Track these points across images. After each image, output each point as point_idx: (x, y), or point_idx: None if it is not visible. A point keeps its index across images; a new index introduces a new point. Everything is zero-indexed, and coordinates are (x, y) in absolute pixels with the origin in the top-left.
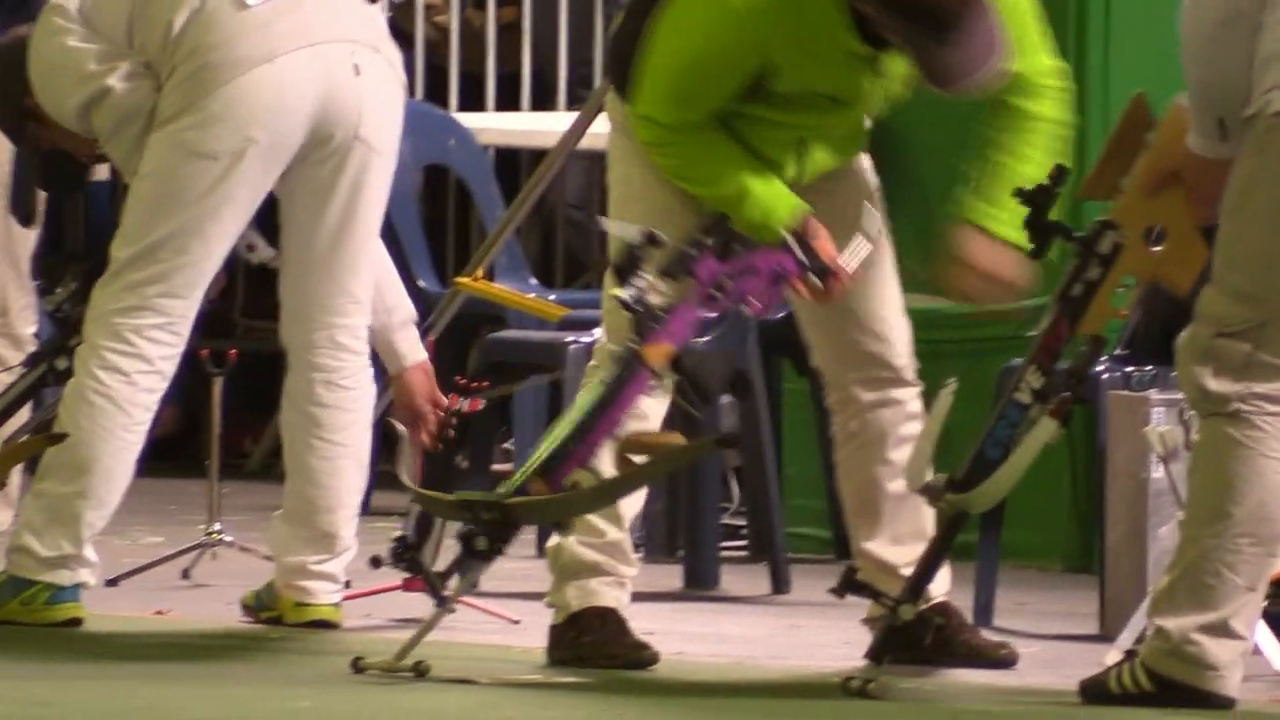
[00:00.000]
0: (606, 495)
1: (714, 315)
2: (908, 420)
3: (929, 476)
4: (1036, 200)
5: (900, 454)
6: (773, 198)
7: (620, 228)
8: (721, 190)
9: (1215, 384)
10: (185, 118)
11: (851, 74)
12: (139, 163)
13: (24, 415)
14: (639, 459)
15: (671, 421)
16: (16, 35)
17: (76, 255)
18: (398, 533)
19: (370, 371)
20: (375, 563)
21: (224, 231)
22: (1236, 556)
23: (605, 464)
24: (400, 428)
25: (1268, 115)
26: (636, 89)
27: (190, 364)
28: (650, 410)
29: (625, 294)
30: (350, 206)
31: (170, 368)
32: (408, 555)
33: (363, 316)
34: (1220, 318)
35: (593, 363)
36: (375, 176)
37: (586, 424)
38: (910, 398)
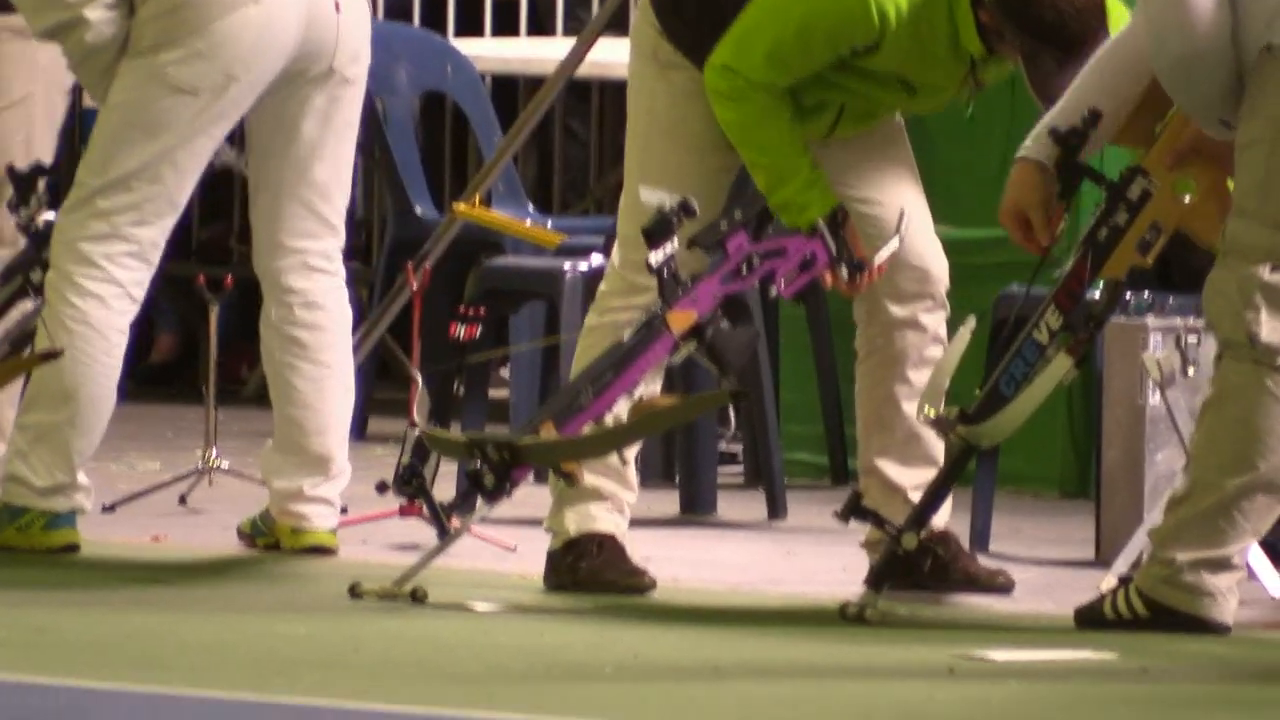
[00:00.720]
0: (616, 439)
1: (738, 290)
2: (933, 342)
3: (941, 409)
4: (1068, 142)
5: (920, 375)
6: (815, 185)
7: (655, 195)
8: (773, 160)
9: (1268, 333)
10: (166, 52)
11: (945, 72)
12: (108, 89)
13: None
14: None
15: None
16: None
17: (45, 169)
18: (398, 460)
19: (346, 293)
20: (381, 488)
21: (198, 163)
22: (1251, 505)
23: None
24: (415, 373)
25: None
26: (728, 39)
27: (187, 291)
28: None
29: (654, 259)
30: (322, 135)
31: (141, 294)
32: (415, 483)
33: (336, 240)
34: (1269, 249)
35: (602, 291)
36: (347, 106)
37: (604, 379)
38: (938, 321)
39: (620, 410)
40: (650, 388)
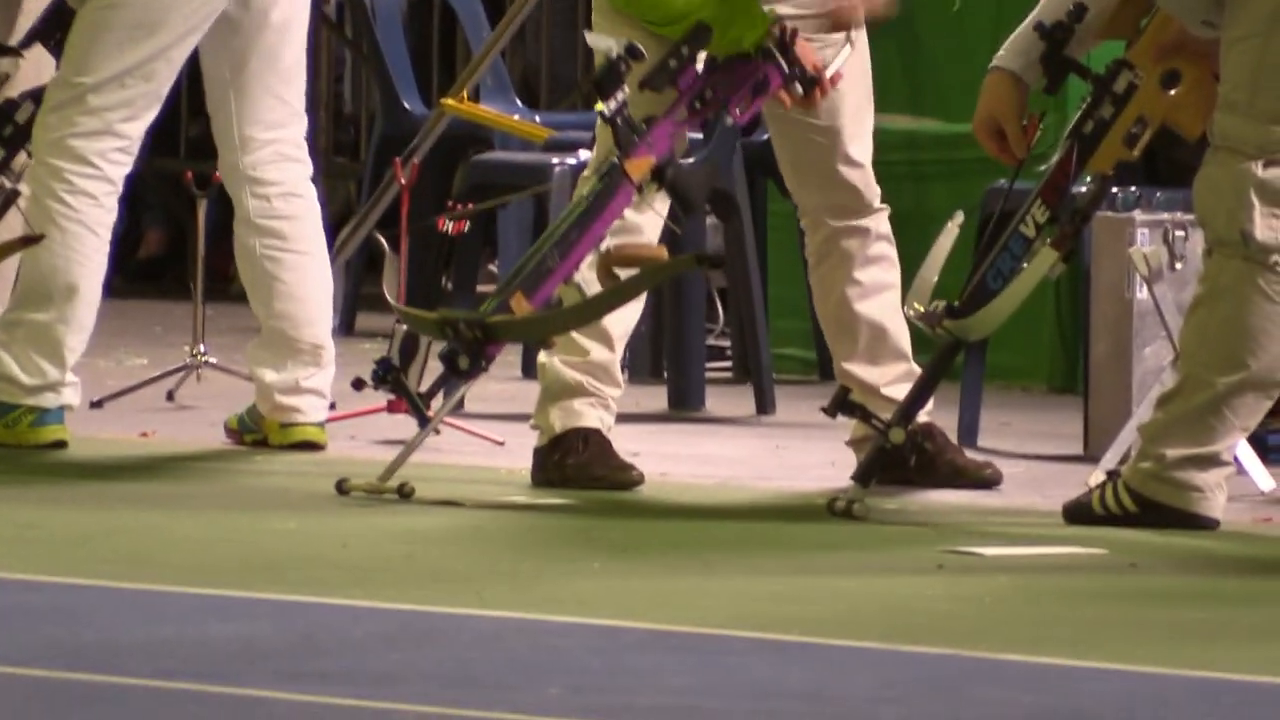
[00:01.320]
0: (588, 312)
1: (695, 126)
2: (876, 240)
3: (927, 304)
4: (1054, 35)
5: (867, 274)
6: (750, 8)
7: (600, 40)
8: (698, 11)
9: (1263, 231)
10: None
11: None
12: None
13: None
14: (623, 273)
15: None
16: None
17: (5, 48)
18: (379, 355)
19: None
20: (358, 385)
21: (184, 58)
22: (1241, 402)
23: (590, 281)
24: (386, 246)
25: None
26: None
27: (175, 187)
28: (645, 225)
29: (606, 108)
30: (288, 19)
31: (121, 188)
32: (390, 377)
33: (302, 126)
34: (1260, 144)
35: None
36: None
37: (568, 238)
38: (878, 221)
39: (588, 268)
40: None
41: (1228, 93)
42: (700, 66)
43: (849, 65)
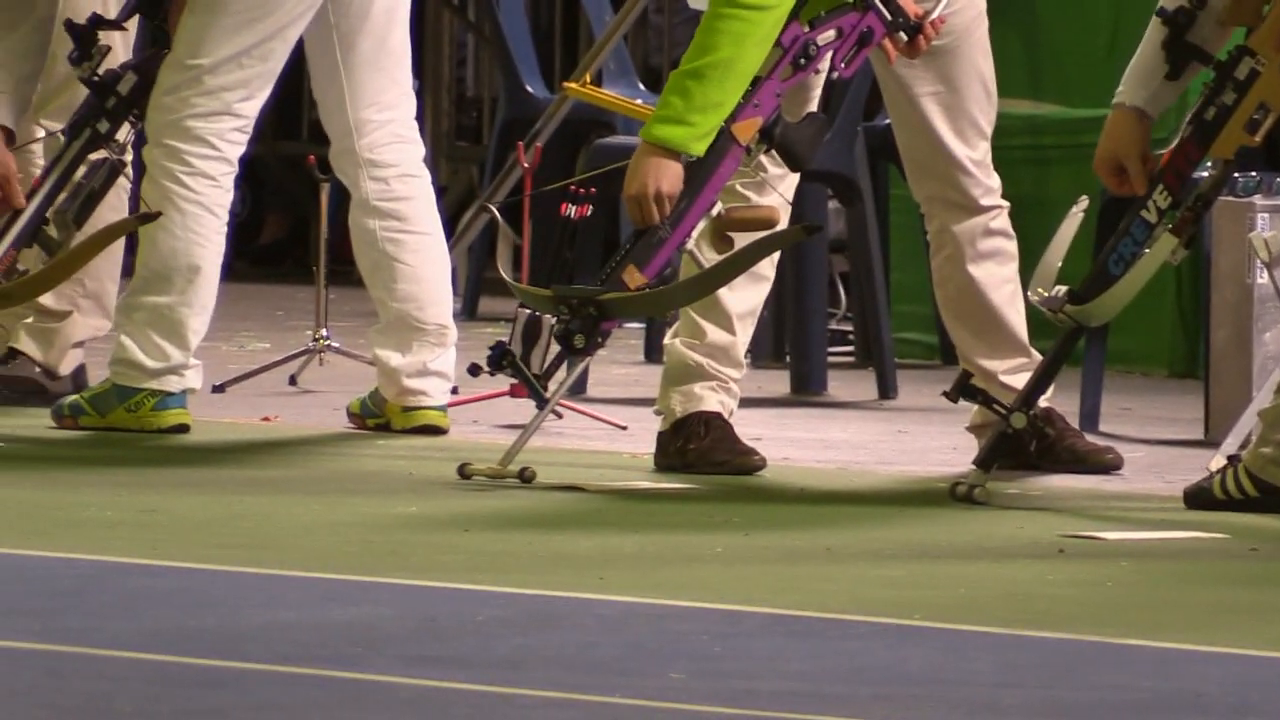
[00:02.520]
0: (704, 285)
1: (803, 80)
2: (988, 236)
3: (1050, 289)
4: (1176, 20)
5: (982, 269)
6: None
7: (703, 3)
8: None
9: None
10: None
11: None
12: None
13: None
14: (738, 240)
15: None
16: None
17: (104, 21)
18: (497, 340)
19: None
20: (474, 370)
21: (297, 37)
22: None
23: (705, 252)
24: (500, 219)
25: None
26: None
27: (297, 170)
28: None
29: None
30: (391, 4)
31: (238, 168)
32: (507, 360)
33: (413, 105)
34: None
35: None
36: None
37: (678, 207)
38: (992, 217)
39: (700, 238)
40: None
41: None
42: (802, 24)
43: (965, 62)
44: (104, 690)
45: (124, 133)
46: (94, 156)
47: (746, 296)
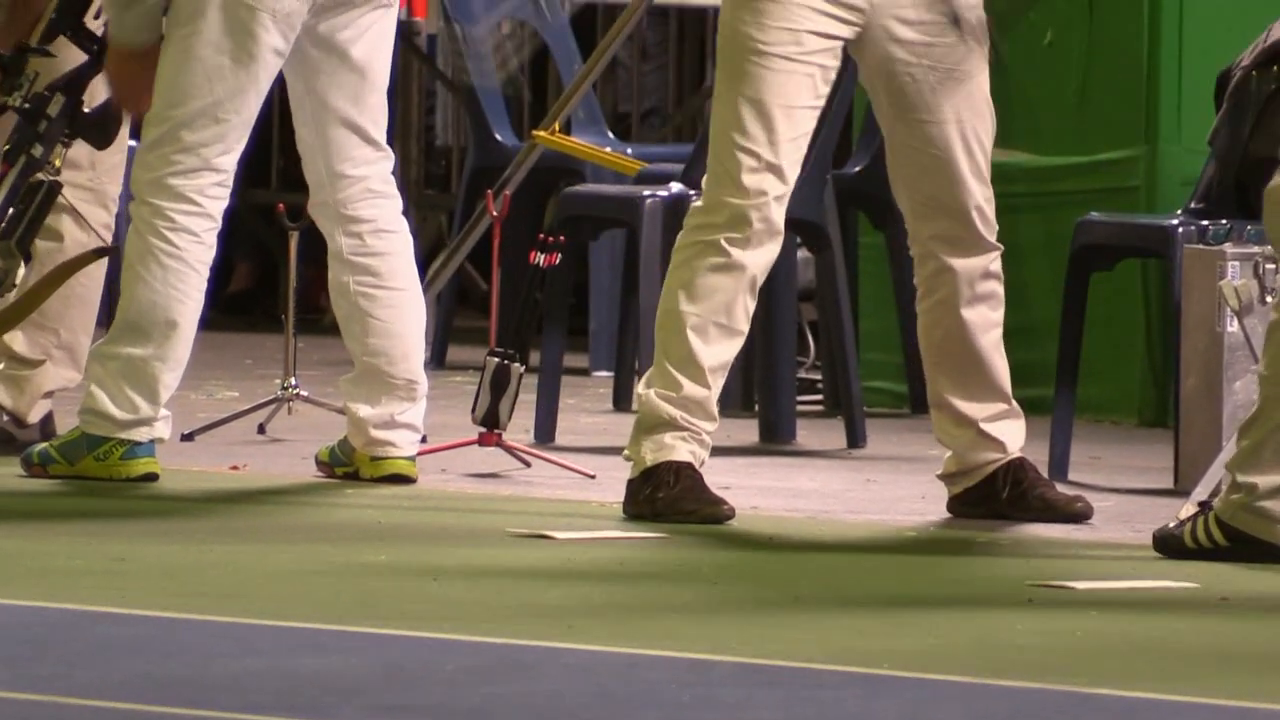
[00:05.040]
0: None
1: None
2: (986, 279)
3: None
4: None
5: (975, 312)
6: None
7: None
8: None
9: None
10: None
11: None
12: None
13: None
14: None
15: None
16: None
17: (33, 49)
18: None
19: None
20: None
21: (268, 87)
22: None
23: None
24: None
25: None
26: None
27: (267, 219)
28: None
29: None
30: (370, 57)
31: (221, 223)
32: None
33: (389, 161)
34: None
35: (693, 221)
36: (388, 28)
37: None
38: (988, 260)
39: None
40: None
41: None
42: None
43: (970, 100)
44: None
45: (58, 155)
46: (31, 180)
47: (721, 351)
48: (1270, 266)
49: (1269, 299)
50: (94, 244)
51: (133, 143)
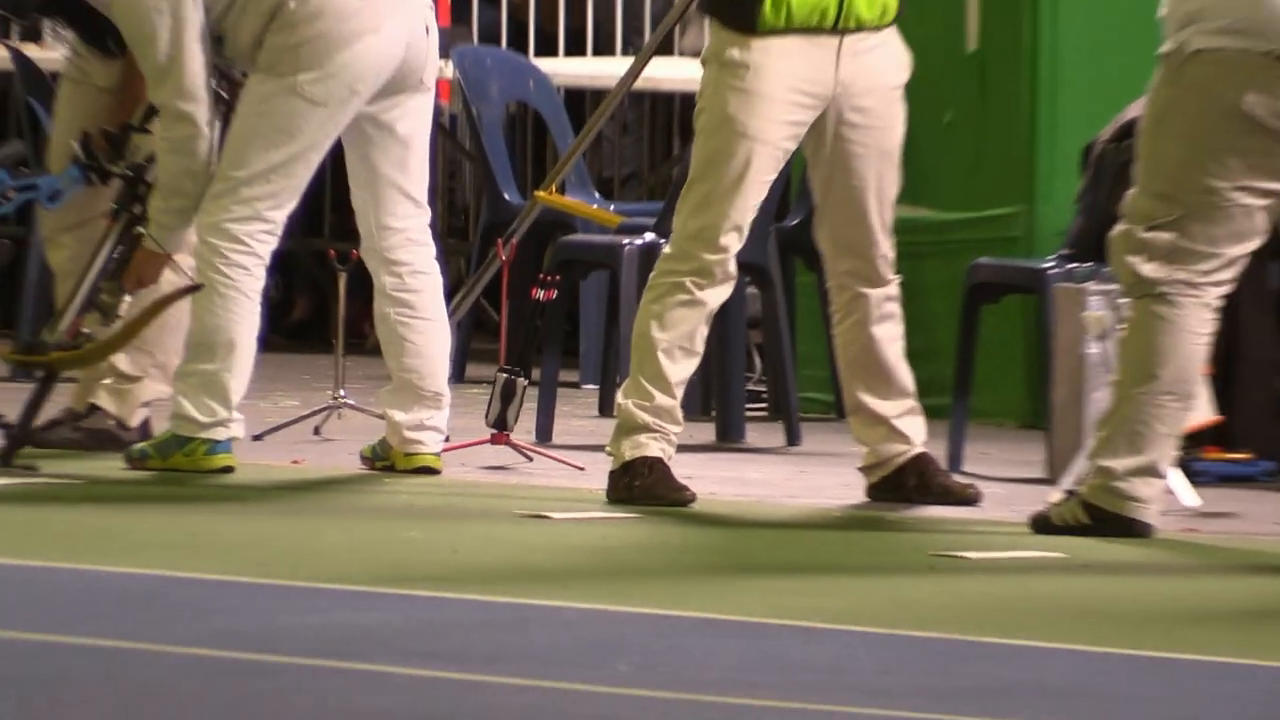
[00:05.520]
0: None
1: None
2: (888, 302)
3: None
4: None
5: (882, 329)
6: None
7: None
8: None
9: (1147, 269)
10: (304, 74)
11: None
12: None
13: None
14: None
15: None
16: None
17: (135, 129)
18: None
19: (436, 259)
20: None
21: (320, 159)
22: (1161, 410)
23: None
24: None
25: (1185, 54)
26: None
27: (320, 262)
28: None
29: None
30: (412, 132)
31: (268, 261)
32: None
33: (426, 216)
34: (1148, 214)
35: (664, 265)
36: (427, 108)
37: None
38: (890, 289)
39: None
40: None
41: (1138, 175)
42: None
43: (889, 170)
44: (167, 680)
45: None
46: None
47: (684, 369)
48: (1122, 300)
49: (1120, 326)
50: (183, 283)
51: None
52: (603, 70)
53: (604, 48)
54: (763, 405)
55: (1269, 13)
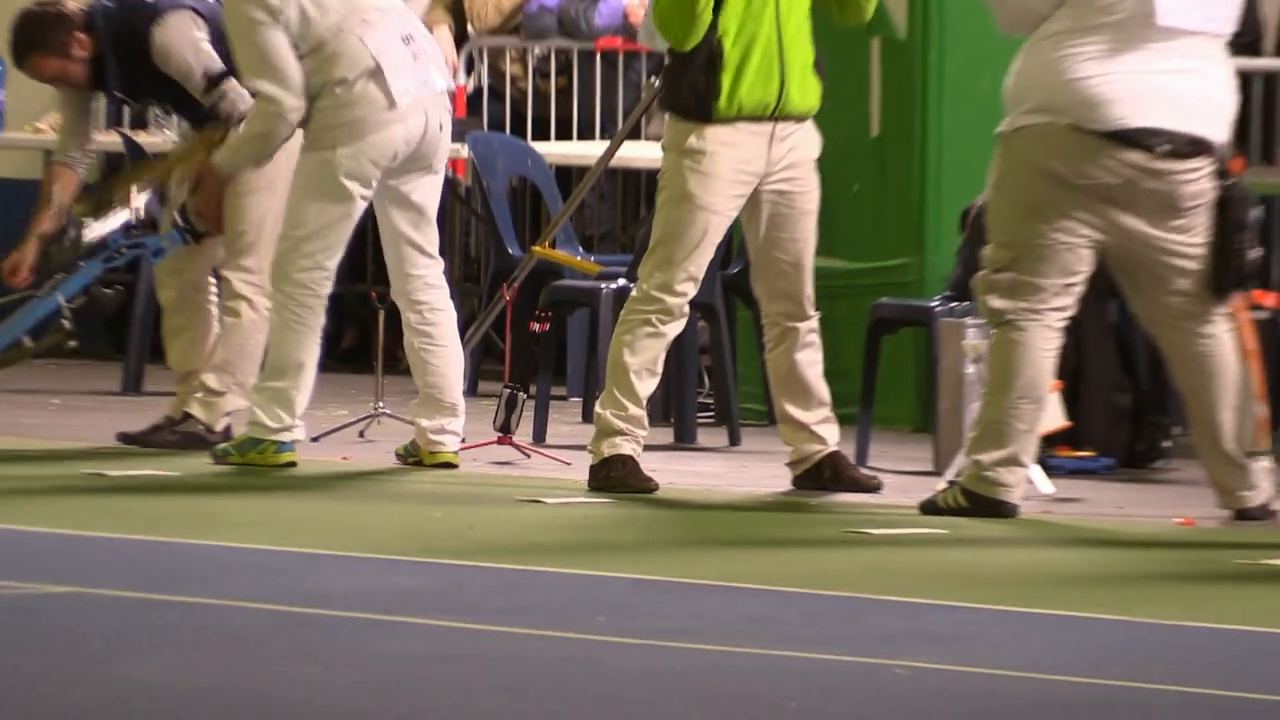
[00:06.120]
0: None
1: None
2: (810, 333)
3: None
4: None
5: (805, 355)
6: None
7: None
8: None
9: (998, 304)
10: (341, 149)
11: None
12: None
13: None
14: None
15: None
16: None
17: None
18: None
19: (449, 298)
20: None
21: (357, 219)
22: (1019, 411)
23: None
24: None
25: (1010, 130)
26: None
27: (364, 301)
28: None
29: None
30: (425, 201)
31: (327, 301)
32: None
33: (439, 265)
34: (993, 260)
35: (633, 305)
36: (437, 186)
37: None
38: (812, 323)
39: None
40: None
41: (988, 231)
42: None
43: (809, 228)
44: (240, 629)
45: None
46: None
47: (649, 386)
48: (989, 327)
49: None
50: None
51: None
52: (585, 151)
53: (586, 133)
54: (710, 414)
55: (1068, 95)
